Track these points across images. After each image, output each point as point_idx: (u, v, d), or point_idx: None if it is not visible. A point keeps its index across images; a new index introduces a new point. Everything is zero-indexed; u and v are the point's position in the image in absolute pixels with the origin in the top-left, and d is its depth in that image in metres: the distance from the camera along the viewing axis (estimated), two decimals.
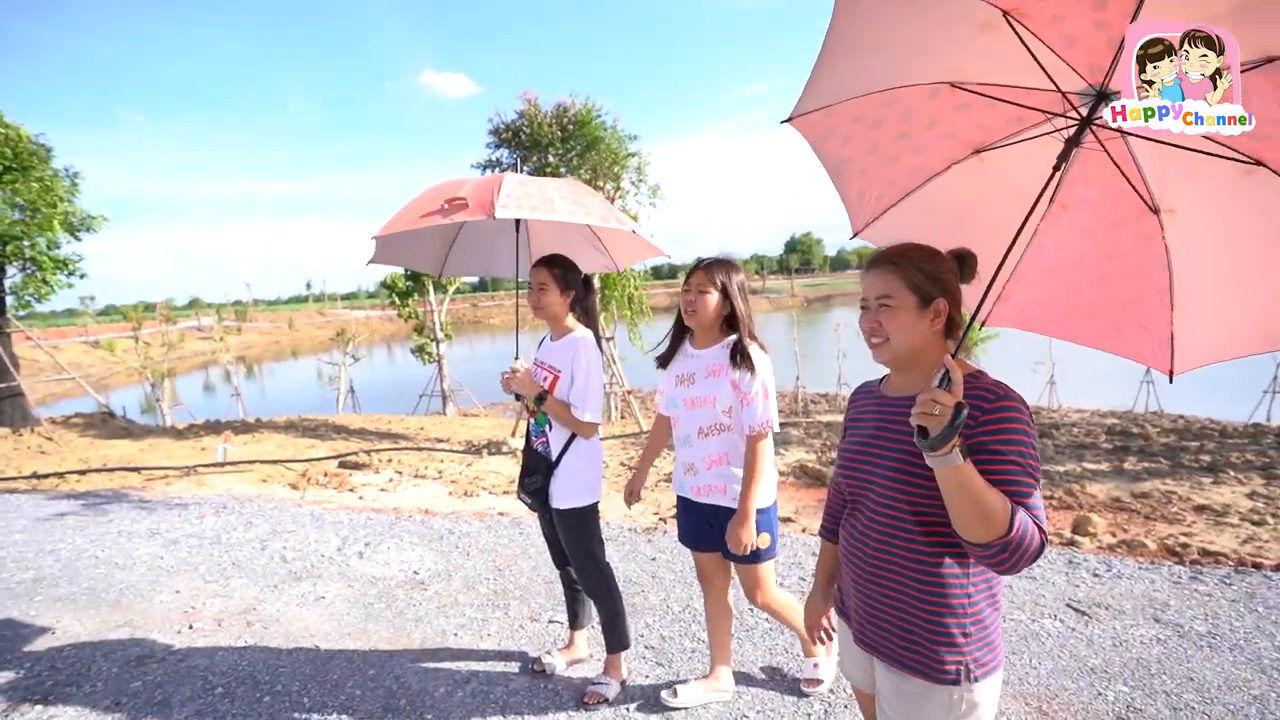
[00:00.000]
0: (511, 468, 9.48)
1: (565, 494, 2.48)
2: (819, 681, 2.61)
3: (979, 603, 1.35)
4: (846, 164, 1.79)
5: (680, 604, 3.42)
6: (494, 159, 12.04)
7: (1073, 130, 1.33)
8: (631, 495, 2.63)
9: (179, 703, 2.70)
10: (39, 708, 2.70)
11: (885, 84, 1.51)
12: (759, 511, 2.23)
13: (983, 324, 1.74)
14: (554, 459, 2.49)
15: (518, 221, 2.73)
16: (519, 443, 11.77)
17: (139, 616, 3.51)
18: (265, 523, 5.08)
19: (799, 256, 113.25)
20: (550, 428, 2.51)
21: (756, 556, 2.28)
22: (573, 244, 3.00)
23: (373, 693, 2.72)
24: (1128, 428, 10.24)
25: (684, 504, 2.46)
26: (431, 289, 19.29)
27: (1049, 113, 1.44)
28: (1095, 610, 3.22)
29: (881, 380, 1.56)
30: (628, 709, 2.53)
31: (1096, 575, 3.72)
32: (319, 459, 9.04)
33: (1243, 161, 1.30)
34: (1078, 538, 5.33)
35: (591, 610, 2.81)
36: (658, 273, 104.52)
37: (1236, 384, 14.49)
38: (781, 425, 12.38)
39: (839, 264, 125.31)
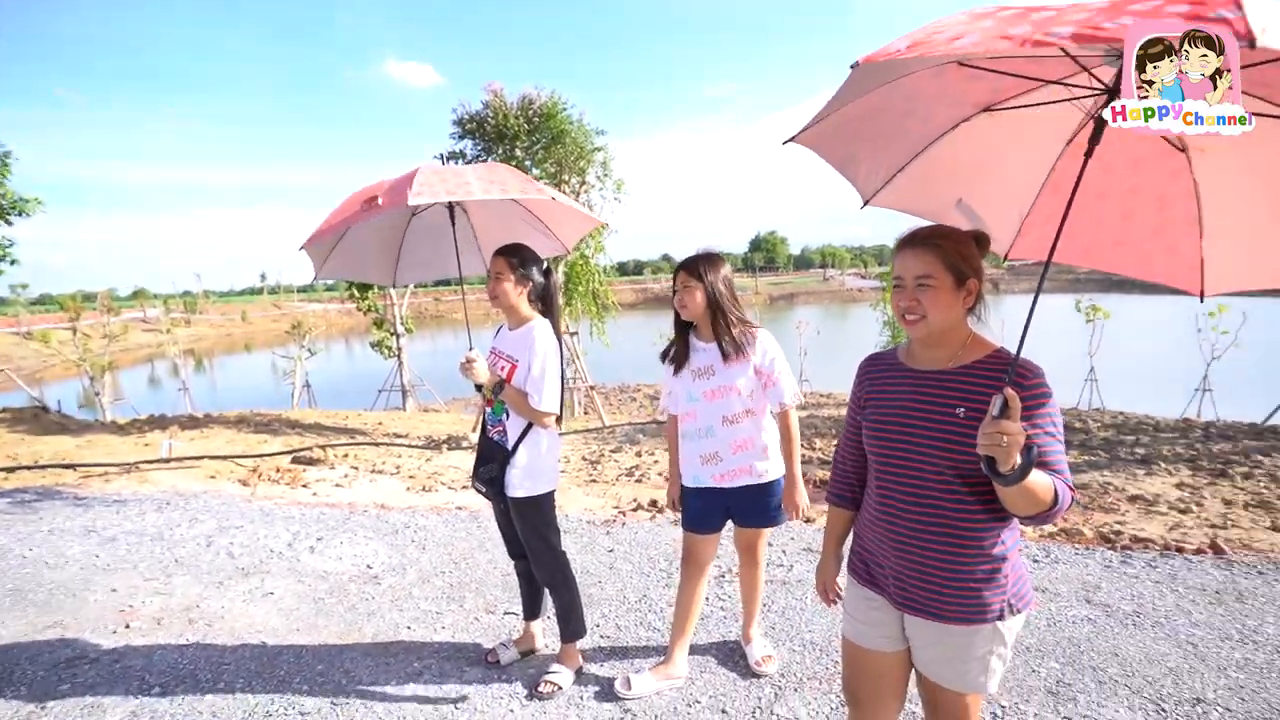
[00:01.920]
0: (471, 461, 9.38)
1: (521, 482, 2.47)
2: (770, 659, 2.70)
3: (1011, 548, 1.50)
4: (853, 155, 1.82)
5: (637, 594, 3.44)
6: (458, 150, 11.85)
7: (1101, 104, 1.35)
8: (676, 503, 2.63)
9: (112, 704, 2.60)
10: None
11: (887, 78, 1.50)
12: (774, 481, 2.47)
13: (1006, 256, 1.86)
14: (510, 447, 2.47)
15: (452, 214, 2.69)
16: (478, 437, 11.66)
17: (70, 617, 3.36)
18: (211, 519, 4.92)
19: (763, 255, 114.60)
20: (507, 416, 2.50)
21: (775, 520, 2.51)
22: (518, 232, 2.99)
23: (321, 688, 2.67)
24: (1070, 423, 10.67)
25: (699, 494, 2.53)
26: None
27: (1064, 83, 1.46)
28: (1034, 594, 3.36)
29: (897, 352, 1.65)
30: (582, 697, 2.54)
31: (1036, 561, 3.88)
32: (271, 454, 8.78)
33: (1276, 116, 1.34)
34: (1022, 528, 5.56)
35: (547, 601, 2.80)
36: (623, 269, 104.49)
37: (1170, 382, 15.26)
38: None
39: (802, 263, 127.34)
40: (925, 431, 1.49)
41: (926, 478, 1.49)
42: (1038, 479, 1.28)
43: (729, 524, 2.59)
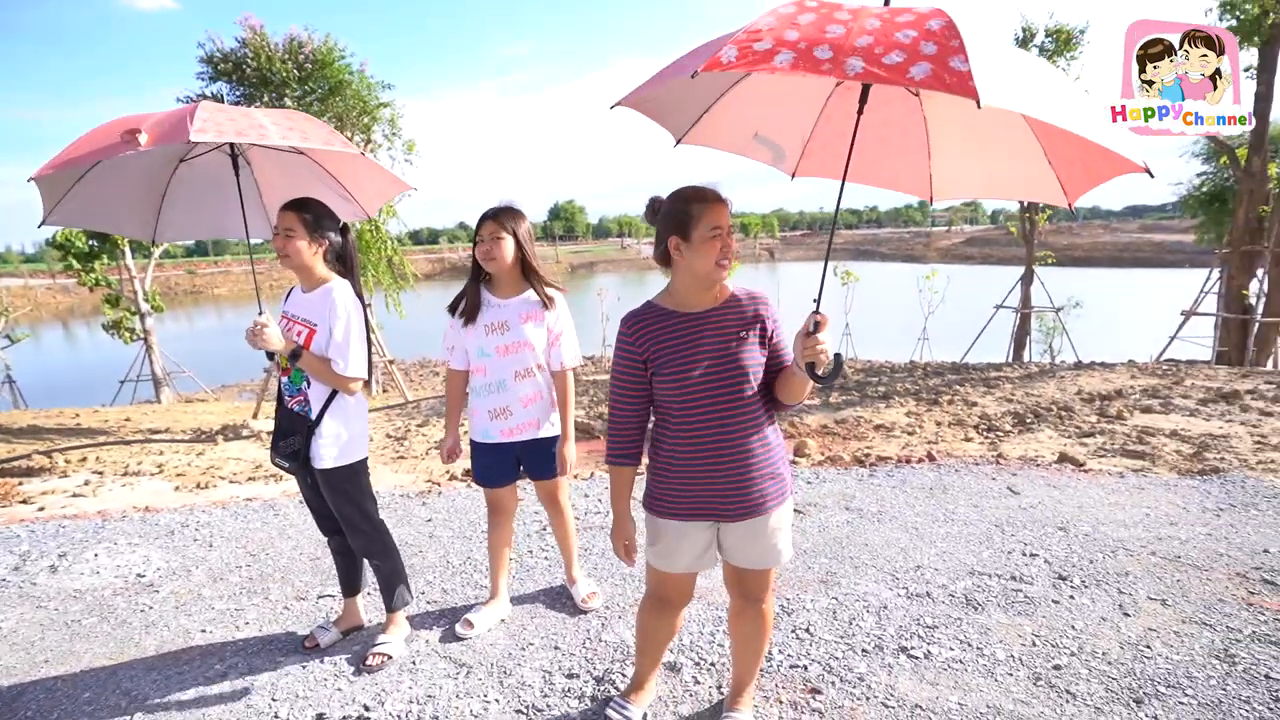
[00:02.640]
0: (256, 451, 8.35)
1: (330, 453, 2.34)
2: (595, 594, 2.93)
3: (776, 435, 1.88)
4: (667, 108, 2.09)
5: (460, 557, 3.46)
6: (210, 93, 10.13)
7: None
8: (452, 455, 2.64)
9: None
10: None
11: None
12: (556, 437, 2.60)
13: (794, 174, 2.26)
14: (314, 418, 2.33)
15: (235, 161, 2.42)
16: (263, 424, 10.36)
17: None
18: None
19: (562, 224, 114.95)
20: (308, 384, 2.34)
21: (559, 466, 2.63)
22: (312, 191, 2.76)
23: (93, 714, 2.31)
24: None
25: (487, 449, 2.59)
26: (129, 250, 15.68)
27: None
28: (808, 508, 4.03)
29: (656, 304, 1.82)
30: (415, 662, 2.53)
31: (809, 483, 4.62)
32: None
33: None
34: (797, 458, 6.53)
35: (367, 575, 2.72)
36: (416, 237, 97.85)
37: (900, 332, 18.61)
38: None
39: (601, 231, 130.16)
40: (725, 356, 1.75)
41: (733, 394, 1.75)
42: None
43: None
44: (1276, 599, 2.89)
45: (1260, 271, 12.46)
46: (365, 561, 2.64)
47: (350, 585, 2.70)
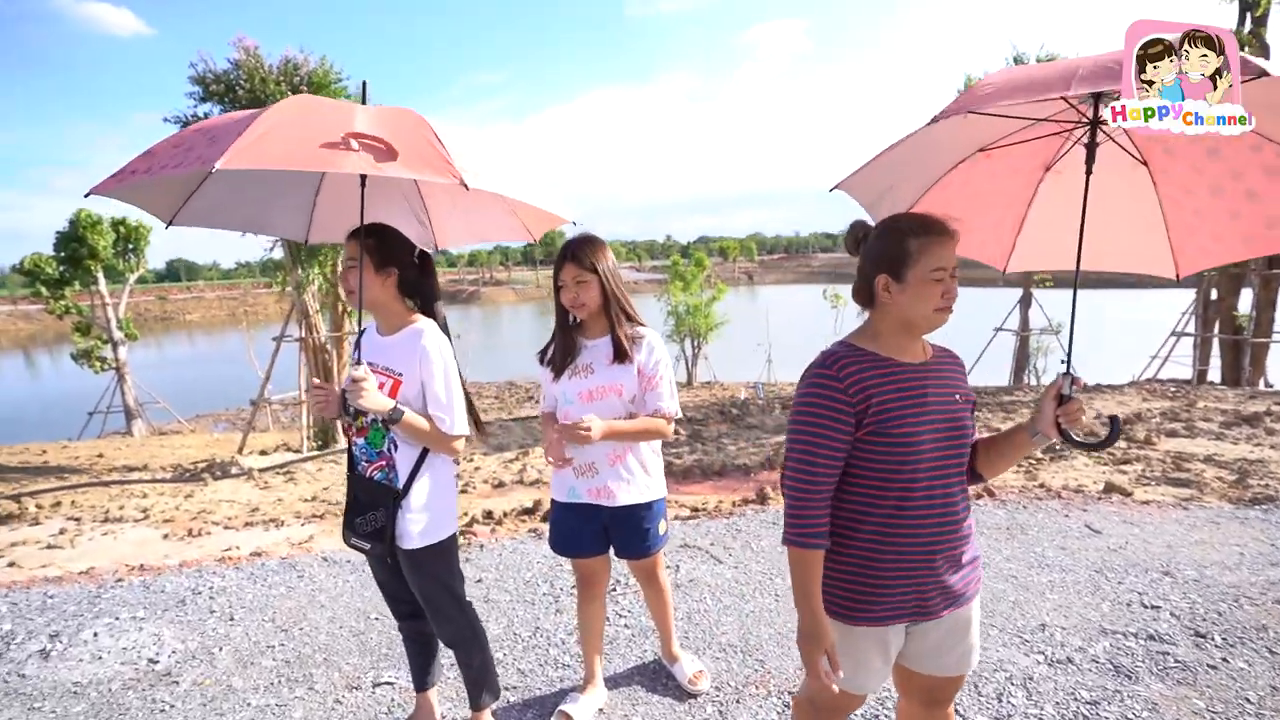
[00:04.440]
0: (250, 492, 7.78)
1: (420, 529, 1.95)
2: (702, 674, 2.56)
3: None
4: (877, 199, 1.99)
5: (527, 628, 3.04)
6: (200, 114, 9.71)
7: (1086, 134, 1.63)
8: (560, 458, 2.16)
9: None
10: None
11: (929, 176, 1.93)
12: (655, 502, 2.23)
13: (1004, 270, 2.15)
14: (402, 486, 1.94)
15: (363, 181, 1.95)
16: (256, 461, 9.72)
17: None
18: None
19: (543, 249, 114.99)
20: (395, 448, 1.95)
21: (655, 544, 2.26)
22: (386, 207, 2.40)
23: None
24: None
25: (571, 510, 2.23)
26: (102, 277, 14.95)
27: (1056, 121, 1.77)
28: None
29: (859, 346, 1.48)
30: None
31: None
32: None
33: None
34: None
35: (441, 663, 2.31)
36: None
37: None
38: (500, 422, 12.32)
39: None
40: (944, 423, 1.47)
41: (956, 462, 1.50)
42: None
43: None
44: None
45: (1248, 292, 12.68)
46: (439, 647, 2.23)
47: (425, 678, 2.27)
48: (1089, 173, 1.55)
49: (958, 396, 1.51)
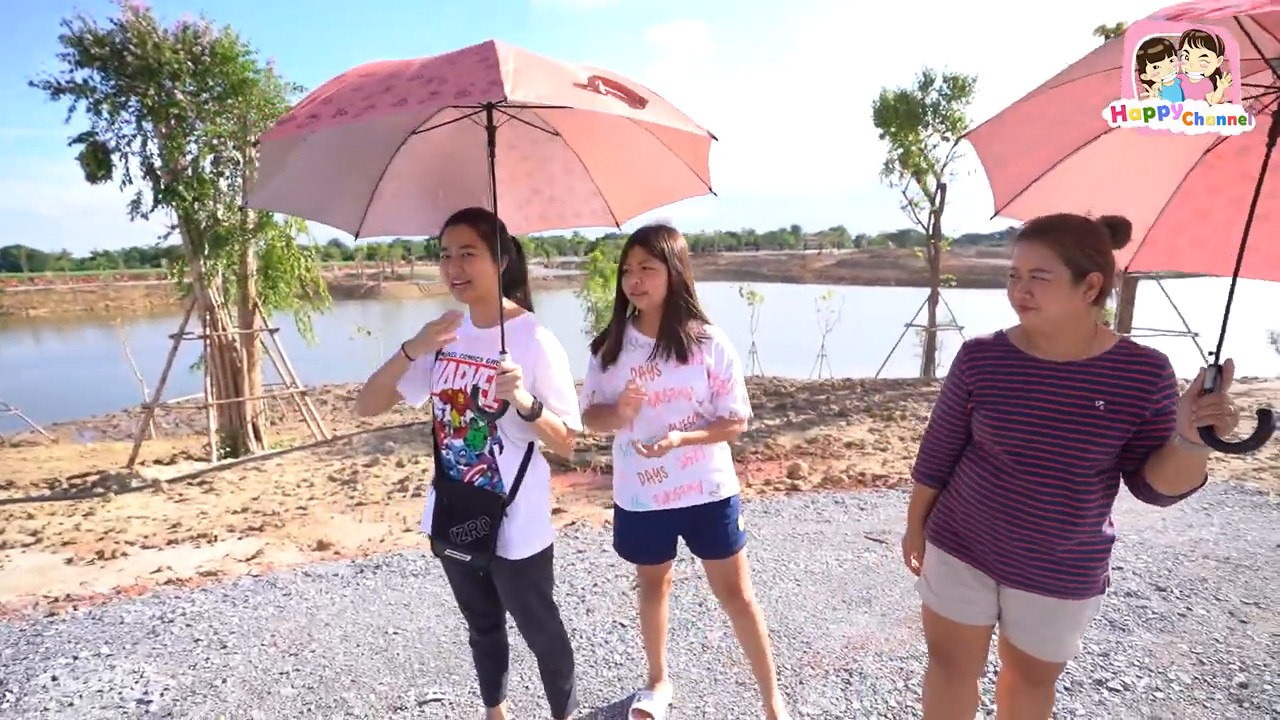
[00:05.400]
0: (163, 506, 6.98)
1: (526, 537, 1.82)
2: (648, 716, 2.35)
3: (1110, 528, 1.58)
4: (1000, 158, 1.80)
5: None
6: (76, 82, 8.54)
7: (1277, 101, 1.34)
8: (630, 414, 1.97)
9: None
10: None
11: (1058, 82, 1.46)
12: (731, 498, 2.11)
13: (1127, 269, 1.89)
14: (508, 491, 1.82)
15: (491, 135, 1.70)
16: (160, 472, 8.69)
17: None
18: None
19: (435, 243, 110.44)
20: (500, 449, 1.82)
21: (737, 541, 2.11)
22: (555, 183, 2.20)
23: None
24: (769, 389, 12.88)
25: (640, 520, 2.11)
26: None
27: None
28: (886, 536, 3.93)
29: (1007, 338, 1.60)
30: None
31: (863, 509, 4.52)
32: None
33: None
34: (797, 482, 6.48)
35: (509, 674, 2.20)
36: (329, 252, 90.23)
37: (800, 349, 19.48)
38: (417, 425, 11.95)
39: None
40: (1065, 424, 1.48)
41: (1060, 468, 1.49)
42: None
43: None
44: None
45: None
46: (510, 658, 2.12)
47: (496, 692, 2.14)
48: (1270, 144, 1.28)
49: (1099, 403, 1.46)
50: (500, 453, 1.81)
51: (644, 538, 2.15)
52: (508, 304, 1.87)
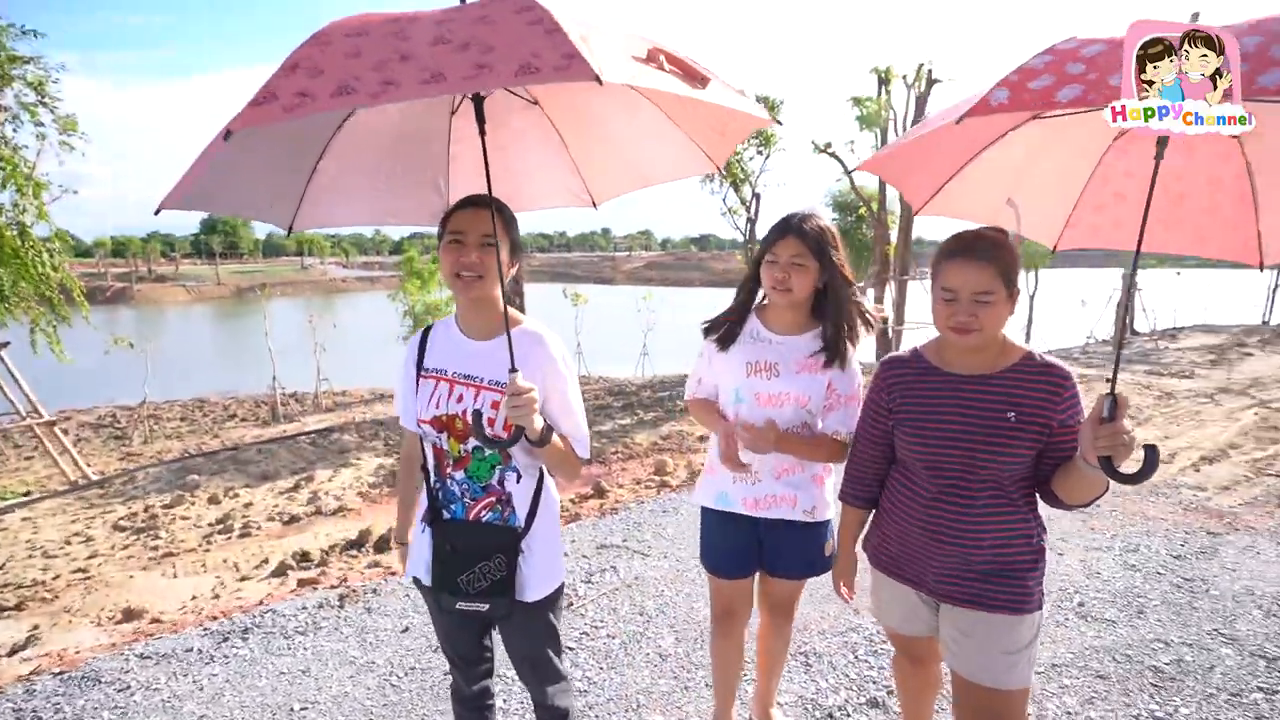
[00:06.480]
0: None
1: (541, 575, 1.64)
2: None
3: (1042, 541, 1.60)
4: (907, 168, 1.85)
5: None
6: None
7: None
8: (735, 464, 1.84)
9: None
10: None
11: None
12: (826, 523, 1.98)
13: (1055, 248, 1.95)
14: (523, 525, 1.62)
15: (480, 111, 1.46)
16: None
17: None
18: None
19: (221, 239, 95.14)
20: (518, 479, 1.61)
21: (822, 567, 1.98)
22: (541, 166, 1.97)
23: None
24: (613, 389, 13.09)
25: (725, 520, 1.98)
26: None
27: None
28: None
29: (922, 355, 1.64)
30: None
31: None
32: None
33: None
34: (666, 478, 6.65)
35: None
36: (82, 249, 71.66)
37: (625, 348, 20.10)
38: (327, 432, 10.51)
39: (272, 249, 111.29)
40: (978, 437, 1.51)
41: (977, 480, 1.52)
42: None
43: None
44: None
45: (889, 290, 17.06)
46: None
47: None
48: (1159, 157, 1.32)
49: (1011, 415, 1.49)
50: (518, 482, 1.62)
51: (723, 544, 2.00)
52: (503, 307, 1.65)
